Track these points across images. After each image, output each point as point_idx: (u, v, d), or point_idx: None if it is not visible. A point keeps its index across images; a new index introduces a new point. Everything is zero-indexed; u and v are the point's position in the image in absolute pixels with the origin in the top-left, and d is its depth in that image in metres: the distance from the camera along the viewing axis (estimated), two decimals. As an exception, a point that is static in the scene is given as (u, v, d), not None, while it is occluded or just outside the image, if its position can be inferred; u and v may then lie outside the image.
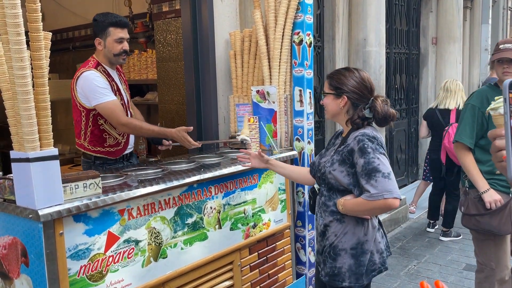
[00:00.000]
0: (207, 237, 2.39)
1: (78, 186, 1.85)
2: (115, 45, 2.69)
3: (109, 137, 2.75)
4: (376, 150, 1.78)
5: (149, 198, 2.11)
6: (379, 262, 1.93)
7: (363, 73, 1.93)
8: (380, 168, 1.76)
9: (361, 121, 1.89)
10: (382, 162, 1.77)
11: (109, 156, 2.77)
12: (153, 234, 2.12)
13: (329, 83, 1.96)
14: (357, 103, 1.90)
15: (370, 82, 1.92)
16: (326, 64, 4.60)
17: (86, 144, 2.74)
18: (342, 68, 2.00)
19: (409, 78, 6.36)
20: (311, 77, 3.13)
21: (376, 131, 1.89)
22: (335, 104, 1.94)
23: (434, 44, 6.70)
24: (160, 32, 4.07)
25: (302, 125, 3.11)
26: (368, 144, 1.79)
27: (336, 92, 1.92)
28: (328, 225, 1.94)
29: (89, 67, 2.67)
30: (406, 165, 6.34)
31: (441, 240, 4.60)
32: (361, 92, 1.90)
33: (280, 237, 2.91)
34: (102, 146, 2.74)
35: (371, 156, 1.77)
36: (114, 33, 2.67)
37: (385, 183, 1.75)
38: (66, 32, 5.95)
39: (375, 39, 4.58)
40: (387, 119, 1.86)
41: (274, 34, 3.04)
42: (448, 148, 4.31)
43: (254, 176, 2.71)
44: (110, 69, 2.76)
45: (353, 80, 1.90)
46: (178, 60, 3.91)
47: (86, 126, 2.70)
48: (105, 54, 2.71)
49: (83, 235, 1.85)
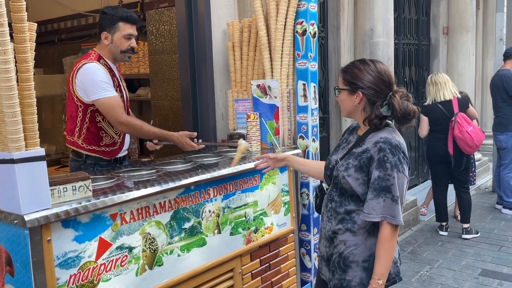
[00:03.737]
0: (205, 242, 2.38)
1: (67, 189, 1.83)
2: (123, 41, 2.71)
3: (105, 136, 2.74)
4: (395, 166, 1.75)
5: (143, 202, 2.09)
6: (393, 273, 1.90)
7: (381, 65, 1.87)
8: (392, 190, 1.75)
9: (379, 120, 1.83)
10: (395, 183, 1.75)
11: (104, 156, 2.76)
12: (147, 240, 2.11)
13: (343, 78, 1.91)
14: (374, 100, 1.84)
15: (388, 75, 1.85)
16: (331, 56, 4.59)
17: (80, 141, 2.72)
18: (357, 61, 1.94)
19: (418, 70, 6.36)
20: (315, 70, 3.12)
21: (396, 133, 1.85)
22: (350, 101, 1.88)
23: (446, 34, 6.69)
24: (152, 22, 4.06)
25: (306, 122, 3.10)
26: (388, 157, 1.75)
27: (350, 88, 1.87)
28: (337, 232, 1.92)
29: (91, 59, 2.66)
30: (416, 163, 6.34)
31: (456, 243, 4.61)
32: (378, 87, 1.83)
33: (284, 242, 2.90)
34: (97, 145, 2.73)
35: (388, 172, 1.75)
36: (123, 28, 2.69)
37: (391, 207, 1.76)
38: (51, 24, 5.92)
39: (383, 29, 4.57)
40: (407, 116, 1.81)
41: (275, 24, 3.03)
42: (460, 137, 4.44)
43: (255, 177, 2.70)
44: (112, 64, 2.78)
45: (368, 74, 1.83)
46: (172, 52, 3.90)
47: (82, 123, 2.69)
48: (111, 49, 2.73)
49: (73, 241, 1.84)
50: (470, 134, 4.42)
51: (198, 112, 3.36)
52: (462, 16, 6.52)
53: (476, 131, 4.46)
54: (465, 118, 4.50)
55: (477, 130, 4.49)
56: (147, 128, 2.70)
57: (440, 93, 4.59)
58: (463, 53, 6.57)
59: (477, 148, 4.54)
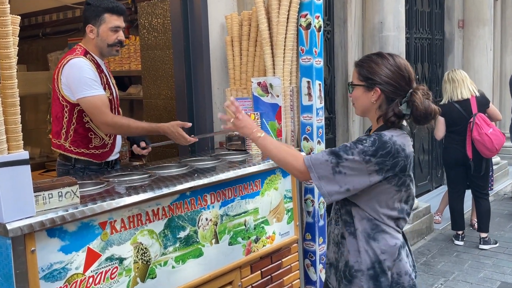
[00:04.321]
0: (202, 253, 2.38)
1: (52, 195, 1.83)
2: (110, 34, 2.70)
3: (95, 137, 2.74)
4: (363, 153, 1.74)
5: (135, 209, 2.09)
6: (408, 286, 1.87)
7: (400, 59, 1.86)
8: (341, 161, 1.75)
9: (396, 118, 1.82)
10: (349, 162, 1.74)
11: (93, 159, 2.76)
12: (139, 251, 2.11)
13: (358, 72, 1.89)
14: (392, 97, 1.82)
15: (408, 71, 1.84)
16: (337, 51, 4.60)
17: (67, 144, 2.72)
18: (373, 54, 1.91)
19: (432, 67, 6.36)
20: (320, 67, 3.12)
21: (402, 136, 1.83)
22: (366, 98, 1.86)
23: (461, 28, 6.70)
24: (144, 15, 4.06)
25: (311, 122, 3.10)
26: (366, 142, 1.76)
27: (367, 84, 1.85)
28: (344, 237, 1.92)
29: (76, 54, 2.66)
30: (429, 167, 6.34)
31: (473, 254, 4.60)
32: (397, 83, 1.82)
33: (287, 252, 2.90)
34: (86, 148, 2.72)
35: (354, 150, 1.75)
36: (109, 20, 2.68)
37: (326, 171, 1.77)
38: (35, 17, 5.93)
39: (393, 22, 4.57)
40: (428, 116, 1.79)
41: (277, 17, 3.03)
42: (479, 140, 4.41)
43: (256, 182, 2.70)
44: (99, 60, 2.77)
45: (387, 69, 1.82)
46: (166, 48, 3.90)
47: (69, 124, 2.69)
48: (97, 43, 2.72)
49: (59, 252, 1.83)
50: (490, 137, 4.40)
51: (194, 112, 3.36)
52: (478, 8, 6.52)
53: (496, 134, 4.44)
54: (484, 119, 4.49)
55: (497, 133, 4.47)
56: (135, 125, 2.69)
57: (458, 91, 4.57)
58: (480, 48, 6.57)
59: (497, 152, 4.53)
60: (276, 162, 1.93)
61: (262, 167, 2.70)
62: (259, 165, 2.70)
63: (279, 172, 2.84)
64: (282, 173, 2.86)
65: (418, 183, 5.94)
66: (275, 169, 2.80)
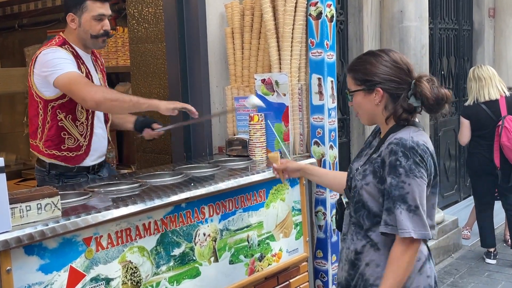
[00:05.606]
0: (199, 273, 2.38)
1: (31, 208, 1.83)
2: (93, 24, 2.70)
3: (68, 138, 2.72)
4: (411, 172, 1.79)
5: (124, 223, 2.09)
6: None
7: (393, 53, 1.93)
8: (407, 199, 1.79)
9: (408, 114, 1.89)
10: (412, 190, 1.79)
11: (66, 163, 2.74)
12: (128, 270, 2.10)
13: (354, 77, 1.96)
14: (397, 93, 1.90)
15: (405, 63, 1.92)
16: (351, 44, 4.60)
17: (41, 145, 2.74)
18: (363, 55, 2.00)
19: (459, 61, 6.35)
20: (333, 61, 3.13)
21: (420, 133, 1.89)
22: (369, 102, 1.93)
23: (492, 17, 6.69)
24: (133, 4, 4.07)
25: (322, 124, 3.10)
26: (401, 161, 1.80)
27: (366, 86, 1.92)
28: (360, 252, 1.94)
29: (51, 45, 2.68)
30: (457, 175, 6.32)
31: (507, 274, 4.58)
32: (398, 77, 1.89)
33: (295, 272, 2.90)
34: (58, 149, 2.72)
35: (402, 179, 1.80)
36: (92, 8, 2.68)
37: (407, 219, 1.78)
38: (10, 6, 5.97)
39: (415, 11, 4.57)
40: (441, 102, 1.86)
41: (284, 6, 3.04)
42: (508, 146, 4.39)
43: (260, 192, 2.70)
44: (82, 52, 2.77)
45: (383, 66, 1.89)
46: (158, 40, 3.91)
47: (43, 122, 2.70)
48: (80, 34, 2.73)
49: (38, 272, 1.83)
50: None
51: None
52: (511, -6, 6.53)
53: None
54: None
55: None
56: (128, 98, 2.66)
57: (484, 90, 4.55)
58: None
59: None
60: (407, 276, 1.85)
61: (266, 175, 2.70)
62: (264, 173, 2.70)
63: (286, 181, 2.84)
64: (289, 182, 2.86)
65: (444, 193, 5.93)
66: (281, 177, 2.80)
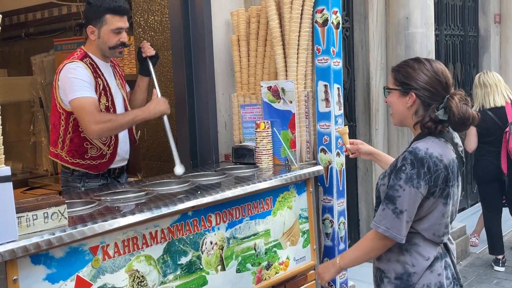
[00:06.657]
0: (206, 281, 2.37)
1: (37, 217, 1.83)
2: (112, 36, 2.82)
3: (91, 148, 2.83)
4: (410, 180, 1.92)
5: (130, 231, 2.09)
6: None
7: (437, 64, 2.03)
8: (396, 201, 1.93)
9: (433, 124, 1.98)
10: (404, 196, 1.92)
11: (90, 170, 2.87)
12: (135, 279, 2.10)
13: (394, 77, 2.08)
14: (429, 102, 1.99)
15: (445, 76, 2.01)
16: (357, 51, 4.59)
17: (63, 154, 2.85)
18: (410, 59, 2.10)
19: (465, 67, 6.35)
20: (339, 68, 3.12)
21: (440, 145, 1.99)
22: (401, 103, 2.05)
23: (498, 23, 6.68)
24: (140, 13, 4.09)
25: (328, 132, 3.09)
26: (406, 168, 1.94)
27: (402, 88, 2.04)
28: None
29: (73, 59, 2.80)
30: (464, 182, 6.29)
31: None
32: (434, 88, 1.99)
33: (303, 280, 2.89)
34: (82, 158, 2.84)
35: (399, 183, 1.94)
36: (111, 22, 2.79)
37: (387, 217, 1.95)
38: (17, 15, 5.99)
39: (421, 17, 4.57)
40: (466, 122, 1.95)
41: (290, 13, 3.04)
42: None
43: (267, 200, 2.69)
44: (101, 62, 2.90)
45: (423, 74, 2.00)
46: (164, 48, 3.92)
47: (65, 133, 2.82)
48: (99, 45, 2.85)
49: (44, 281, 1.83)
50: None
51: (195, 120, 3.36)
52: (517, 0, 6.52)
53: None
54: None
55: None
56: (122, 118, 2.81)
57: (490, 97, 4.57)
58: (520, 46, 6.56)
59: None
60: (367, 259, 2.11)
61: (273, 183, 2.70)
62: (270, 180, 2.70)
63: (293, 189, 2.84)
64: (296, 189, 2.85)
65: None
66: (288, 185, 2.80)
